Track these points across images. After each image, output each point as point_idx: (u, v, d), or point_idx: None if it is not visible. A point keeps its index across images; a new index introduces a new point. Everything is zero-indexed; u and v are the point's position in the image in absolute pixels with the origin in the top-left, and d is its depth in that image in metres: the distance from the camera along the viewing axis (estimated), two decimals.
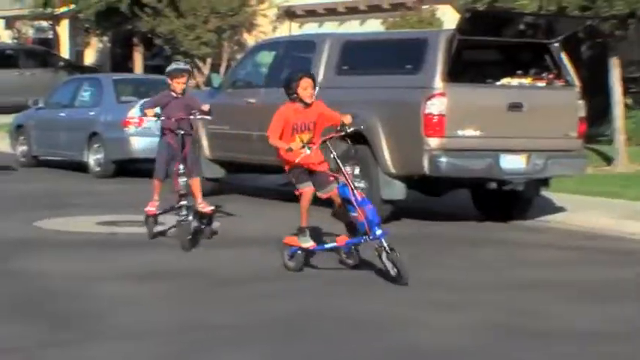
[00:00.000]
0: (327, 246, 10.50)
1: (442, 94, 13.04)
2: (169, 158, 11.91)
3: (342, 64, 14.50)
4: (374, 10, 27.95)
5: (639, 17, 17.57)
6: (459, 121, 13.16)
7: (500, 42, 14.05)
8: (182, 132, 11.76)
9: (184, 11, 29.09)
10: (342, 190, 10.10)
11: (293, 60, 15.64)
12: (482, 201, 14.72)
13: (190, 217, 11.54)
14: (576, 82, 13.97)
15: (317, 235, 10.93)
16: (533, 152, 13.51)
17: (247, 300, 9.06)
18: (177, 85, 11.92)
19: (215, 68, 28.14)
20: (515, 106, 13.47)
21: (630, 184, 16.43)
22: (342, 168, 10.23)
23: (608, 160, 18.67)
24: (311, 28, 29.32)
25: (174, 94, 11.98)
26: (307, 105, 10.23)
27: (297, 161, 10.08)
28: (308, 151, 10.01)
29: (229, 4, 29.24)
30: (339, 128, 10.40)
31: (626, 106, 19.30)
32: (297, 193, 10.39)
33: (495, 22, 14.10)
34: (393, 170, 13.38)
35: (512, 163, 13.41)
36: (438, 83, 13.07)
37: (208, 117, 12.21)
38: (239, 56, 27.96)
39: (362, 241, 10.01)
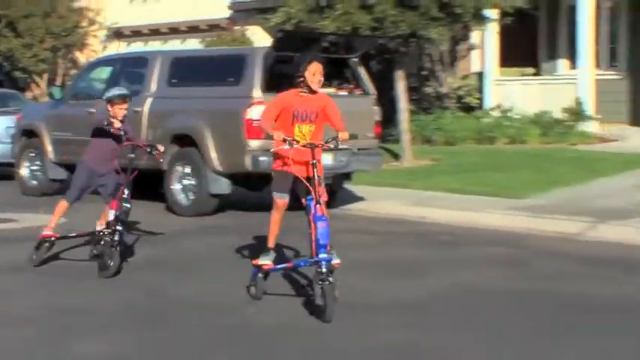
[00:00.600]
0: (279, 267, 8.36)
1: (260, 102, 13.03)
2: (88, 183, 10.07)
3: (172, 77, 14.41)
4: (193, 30, 27.91)
5: (419, 36, 17.99)
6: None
7: None
8: (133, 156, 9.94)
9: (22, 31, 28.46)
10: (309, 203, 7.92)
11: (128, 74, 15.45)
12: (295, 193, 14.81)
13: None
14: (372, 90, 14.26)
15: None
16: (338, 151, 13.70)
17: (110, 289, 8.84)
18: (120, 111, 9.86)
19: (51, 83, 27.54)
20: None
21: (415, 177, 16.78)
22: (317, 178, 7.92)
23: (396, 156, 19.03)
24: (137, 46, 28.99)
25: (114, 120, 9.87)
26: (312, 92, 8.11)
27: (272, 150, 8.20)
28: (287, 146, 7.83)
29: (63, 25, 28.74)
30: (329, 139, 8.14)
31: (410, 111, 19.75)
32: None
33: (304, 41, 14.23)
34: (219, 168, 13.38)
35: (322, 159, 13.56)
36: (257, 93, 13.12)
37: (161, 159, 10.91)
38: (73, 72, 27.52)
39: (307, 264, 7.96)
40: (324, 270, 7.50)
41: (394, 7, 17.16)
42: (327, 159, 13.66)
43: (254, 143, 13.09)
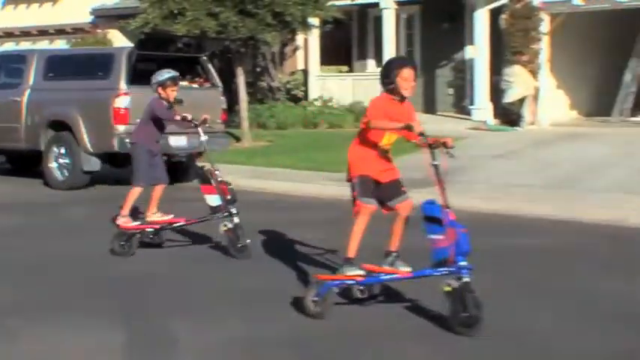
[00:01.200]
0: (383, 277, 6.33)
1: (126, 94, 13.01)
2: (150, 162, 8.98)
3: (48, 72, 14.10)
4: (60, 33, 27.06)
5: (256, 39, 18.14)
6: (139, 112, 13.15)
7: (166, 56, 14.05)
8: (207, 138, 8.76)
9: None
10: (429, 208, 6.04)
11: (8, 70, 15.01)
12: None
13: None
14: (219, 84, 14.35)
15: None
16: (191, 134, 13.71)
17: None
18: (172, 93, 8.75)
19: None
20: (178, 102, 13.56)
21: (254, 156, 16.90)
22: (441, 180, 6.09)
23: (238, 139, 19.09)
24: (9, 46, 27.91)
25: (166, 103, 8.79)
26: (402, 99, 6.52)
27: (420, 141, 6.17)
28: (424, 140, 6.10)
29: None
30: (420, 133, 6.18)
31: (248, 101, 19.82)
32: (355, 211, 6.57)
33: (162, 42, 14.24)
34: (91, 149, 13.24)
35: (178, 141, 13.50)
36: (123, 85, 13.02)
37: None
38: None
39: (435, 273, 5.97)
40: (468, 279, 5.81)
41: (236, 14, 17.27)
42: (183, 141, 13.71)
43: (120, 128, 13.01)
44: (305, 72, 23.97)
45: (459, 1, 21.07)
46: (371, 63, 24.17)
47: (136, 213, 9.26)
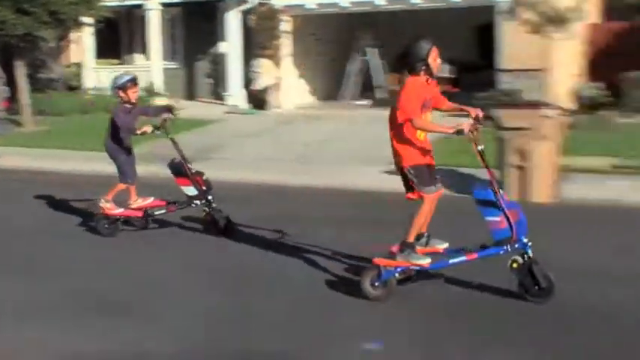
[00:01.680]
0: (451, 261, 5.89)
1: None
2: (129, 161, 8.46)
3: None
4: None
5: (34, 36, 17.72)
6: None
7: None
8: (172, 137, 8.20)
9: None
10: (481, 192, 5.66)
11: None
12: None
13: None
14: (1, 74, 13.95)
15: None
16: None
17: None
18: (134, 94, 8.21)
19: None
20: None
21: (34, 139, 16.53)
22: (488, 165, 5.76)
23: (19, 125, 18.51)
24: None
25: (129, 105, 8.19)
26: (430, 79, 5.83)
27: (469, 139, 5.64)
28: (473, 137, 5.64)
29: None
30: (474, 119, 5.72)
31: (29, 91, 19.20)
32: (413, 196, 5.87)
33: None
34: None
35: None
36: None
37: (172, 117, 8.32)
38: None
39: (500, 252, 5.72)
40: (532, 255, 5.67)
41: (13, 13, 16.77)
42: None
43: None
44: (79, 64, 23.55)
45: (213, 3, 21.59)
46: (139, 57, 24.18)
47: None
